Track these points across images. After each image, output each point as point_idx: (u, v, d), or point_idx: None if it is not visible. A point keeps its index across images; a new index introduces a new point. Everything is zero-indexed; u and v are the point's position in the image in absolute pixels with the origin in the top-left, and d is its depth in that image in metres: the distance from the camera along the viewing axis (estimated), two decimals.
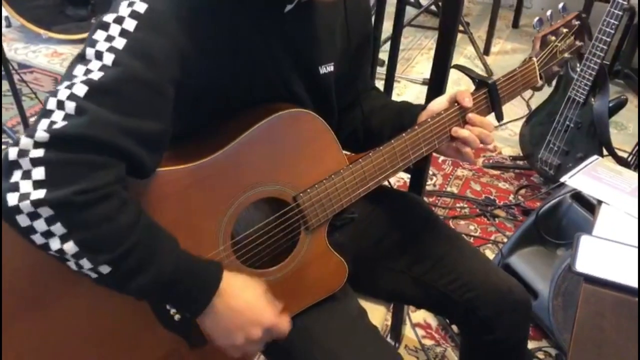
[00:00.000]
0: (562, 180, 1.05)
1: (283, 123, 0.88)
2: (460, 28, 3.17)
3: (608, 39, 1.92)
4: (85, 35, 3.09)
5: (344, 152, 0.96)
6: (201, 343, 0.91)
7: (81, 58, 0.75)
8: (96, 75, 0.72)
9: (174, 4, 0.78)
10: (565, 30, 1.11)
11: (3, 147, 2.39)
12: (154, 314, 0.86)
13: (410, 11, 3.17)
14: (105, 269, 0.72)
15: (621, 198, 1.01)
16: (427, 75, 1.60)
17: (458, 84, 3.06)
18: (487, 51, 3.38)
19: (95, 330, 0.84)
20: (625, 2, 1.86)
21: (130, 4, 0.76)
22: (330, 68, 1.00)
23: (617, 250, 0.89)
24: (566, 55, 1.11)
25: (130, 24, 0.75)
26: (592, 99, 2.05)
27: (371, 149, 0.96)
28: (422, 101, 1.63)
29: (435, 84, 1.36)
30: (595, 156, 1.14)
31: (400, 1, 1.40)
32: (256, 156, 0.87)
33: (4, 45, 3.14)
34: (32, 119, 2.56)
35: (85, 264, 0.71)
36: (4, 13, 3.16)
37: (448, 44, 1.33)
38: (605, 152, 2.11)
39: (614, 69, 2.96)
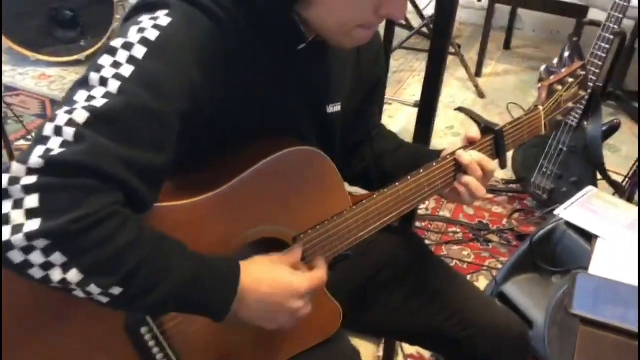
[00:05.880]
0: (556, 212, 1.01)
1: (290, 161, 0.85)
2: (452, 50, 3.16)
3: (600, 63, 1.90)
4: (74, 57, 3.12)
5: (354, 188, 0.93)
6: None
7: (84, 83, 0.70)
8: (99, 103, 0.67)
9: (187, 34, 0.74)
10: (570, 80, 1.10)
11: None
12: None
13: (401, 33, 3.16)
14: (116, 290, 0.68)
15: (618, 232, 0.98)
16: (419, 97, 1.58)
17: (450, 107, 3.04)
18: (478, 73, 3.37)
19: None
20: (616, 27, 1.85)
21: (141, 30, 0.72)
22: (337, 108, 0.97)
23: (615, 289, 0.86)
24: (570, 104, 1.10)
25: (139, 51, 0.71)
26: (585, 123, 2.03)
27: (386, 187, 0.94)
28: (412, 124, 1.62)
29: (426, 107, 1.33)
30: (590, 187, 1.11)
31: (390, 24, 1.38)
32: (259, 194, 0.83)
33: None
34: (16, 143, 2.51)
35: (94, 289, 0.67)
36: None
37: (439, 66, 1.31)
38: (599, 176, 2.08)
39: (606, 91, 2.96)
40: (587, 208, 1.05)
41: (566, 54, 1.13)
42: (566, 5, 3.01)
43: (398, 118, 2.92)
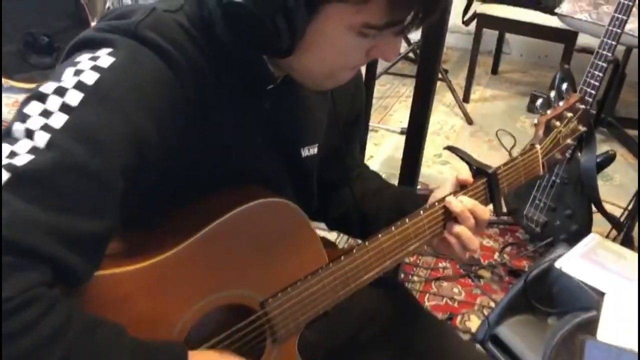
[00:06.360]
0: (557, 265, 0.91)
1: (256, 215, 0.74)
2: (439, 75, 3.09)
3: (593, 92, 1.83)
4: None
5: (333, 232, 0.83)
6: None
7: (6, 135, 0.59)
8: (23, 160, 0.56)
9: (132, 76, 0.63)
10: (569, 114, 1.01)
11: None
12: None
13: None
14: None
15: (627, 288, 0.88)
16: (406, 124, 1.50)
17: (438, 134, 2.96)
18: (466, 98, 3.31)
19: None
20: (609, 54, 1.78)
21: (78, 72, 0.61)
22: (313, 150, 0.88)
23: (625, 357, 0.75)
24: (569, 141, 1.00)
25: (74, 98, 0.60)
26: (579, 154, 1.94)
27: (368, 232, 0.84)
28: (400, 152, 1.52)
29: (414, 134, 1.25)
30: (592, 235, 1.01)
31: None
32: (220, 254, 0.72)
33: None
34: None
35: None
36: None
37: (427, 92, 1.24)
38: (594, 209, 2.00)
39: (599, 119, 2.89)
40: (592, 260, 0.95)
41: (563, 86, 1.05)
42: (554, 30, 2.96)
43: (384, 146, 2.83)
